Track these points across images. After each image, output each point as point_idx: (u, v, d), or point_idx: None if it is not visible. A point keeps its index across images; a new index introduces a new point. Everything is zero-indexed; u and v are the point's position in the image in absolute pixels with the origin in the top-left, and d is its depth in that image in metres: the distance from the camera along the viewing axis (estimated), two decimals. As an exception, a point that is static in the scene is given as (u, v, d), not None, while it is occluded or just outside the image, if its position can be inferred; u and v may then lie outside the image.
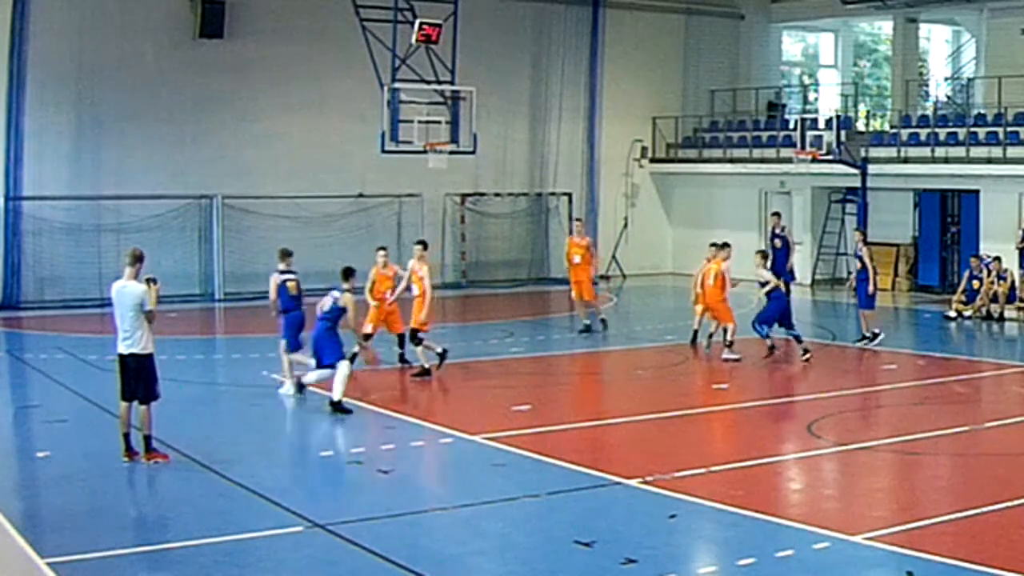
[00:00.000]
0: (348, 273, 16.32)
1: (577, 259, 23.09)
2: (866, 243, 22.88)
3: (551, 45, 34.16)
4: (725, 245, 21.21)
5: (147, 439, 12.99)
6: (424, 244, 19.40)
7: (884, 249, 31.21)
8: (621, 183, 35.93)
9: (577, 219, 25.55)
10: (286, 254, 17.45)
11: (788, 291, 25.86)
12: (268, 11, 29.96)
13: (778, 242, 25.99)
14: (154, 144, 28.69)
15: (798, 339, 20.11)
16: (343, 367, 15.77)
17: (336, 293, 16.11)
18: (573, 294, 23.15)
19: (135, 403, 13.01)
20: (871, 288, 21.64)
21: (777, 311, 20.22)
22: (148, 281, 13.00)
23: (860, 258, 22.08)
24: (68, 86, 27.73)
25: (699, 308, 21.43)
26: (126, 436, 13.01)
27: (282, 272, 17.22)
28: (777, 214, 27.34)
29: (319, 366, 16.06)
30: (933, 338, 24.02)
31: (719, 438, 14.85)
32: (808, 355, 19.72)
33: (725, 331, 20.26)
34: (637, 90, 35.53)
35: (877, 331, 21.73)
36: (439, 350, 18.46)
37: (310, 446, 14.70)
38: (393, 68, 26.82)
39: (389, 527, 10.84)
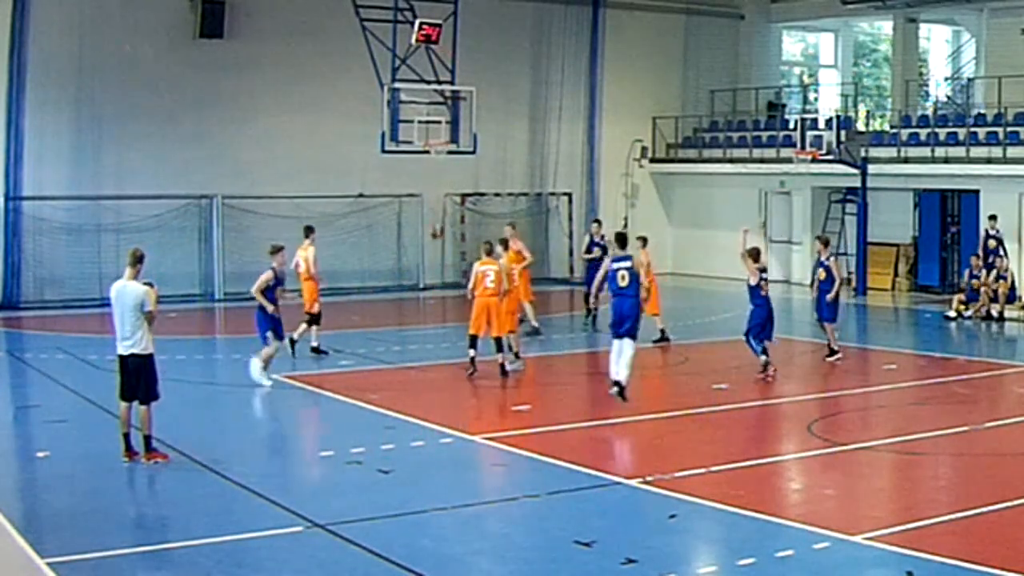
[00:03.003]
0: (625, 239, 16.38)
1: None
2: (830, 253, 21.27)
3: (551, 45, 34.17)
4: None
5: (147, 439, 13.00)
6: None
7: (884, 249, 31.28)
8: (621, 183, 35.93)
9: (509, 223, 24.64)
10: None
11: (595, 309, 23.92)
12: (268, 11, 29.98)
13: (597, 251, 24.19)
14: (154, 144, 28.70)
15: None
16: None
17: (626, 263, 15.99)
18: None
19: (135, 403, 13.02)
20: (830, 297, 20.15)
21: (761, 318, 18.54)
22: (147, 284, 13.01)
23: (827, 268, 20.36)
24: (68, 86, 27.74)
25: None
26: (126, 436, 13.01)
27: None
28: (597, 221, 25.82)
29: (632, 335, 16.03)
30: (933, 338, 24.01)
31: (719, 438, 14.84)
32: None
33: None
34: (637, 90, 35.53)
35: (836, 348, 20.16)
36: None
37: (310, 446, 14.70)
38: (393, 68, 26.84)
39: (389, 527, 10.84)
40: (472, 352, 18.41)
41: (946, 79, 36.24)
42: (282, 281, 17.57)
